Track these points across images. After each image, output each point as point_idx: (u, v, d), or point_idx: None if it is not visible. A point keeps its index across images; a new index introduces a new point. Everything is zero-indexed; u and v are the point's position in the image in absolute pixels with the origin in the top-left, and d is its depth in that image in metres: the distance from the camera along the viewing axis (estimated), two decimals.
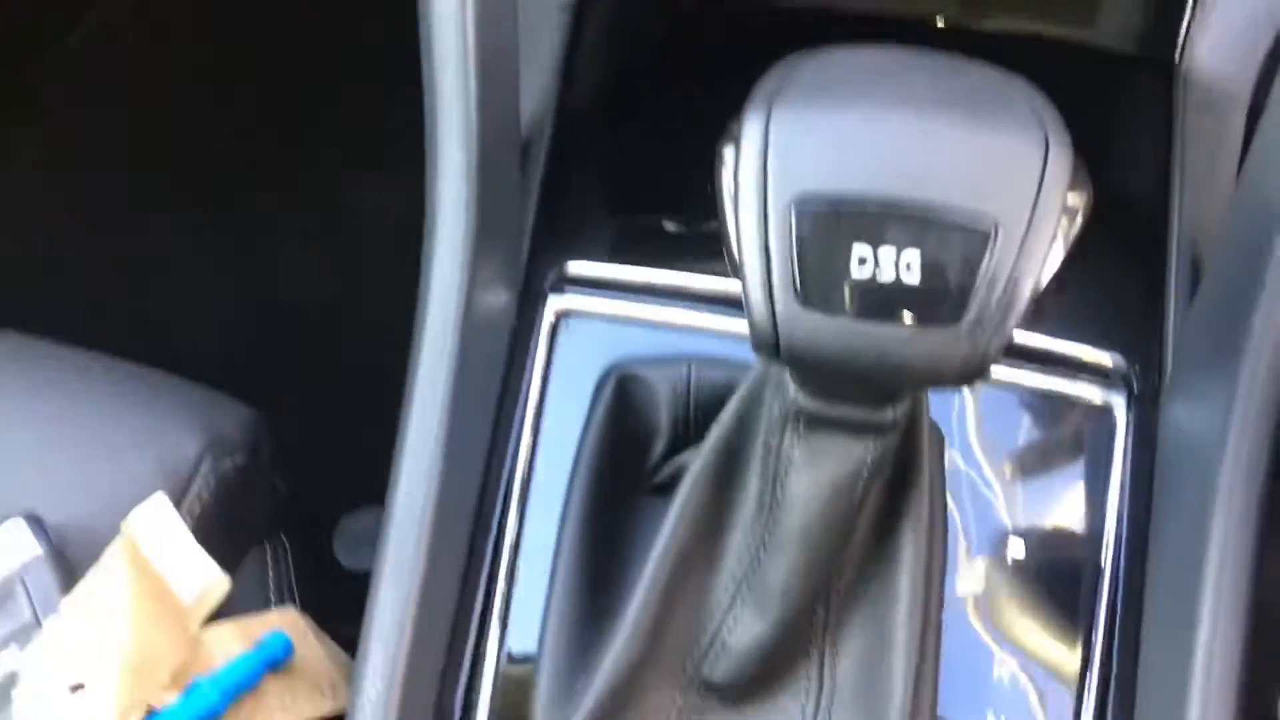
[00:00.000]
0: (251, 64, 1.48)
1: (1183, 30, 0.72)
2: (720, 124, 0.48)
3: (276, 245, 1.39)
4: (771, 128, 0.46)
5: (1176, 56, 0.73)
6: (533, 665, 0.64)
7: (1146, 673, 0.63)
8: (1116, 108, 0.73)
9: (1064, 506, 0.67)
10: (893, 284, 0.45)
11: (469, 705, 0.66)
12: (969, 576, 0.66)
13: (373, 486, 0.66)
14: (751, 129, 0.46)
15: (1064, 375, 0.69)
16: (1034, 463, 0.68)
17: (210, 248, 1.40)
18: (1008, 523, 0.67)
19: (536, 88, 0.76)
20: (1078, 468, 0.68)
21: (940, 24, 0.78)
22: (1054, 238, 0.45)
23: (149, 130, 1.45)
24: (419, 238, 0.66)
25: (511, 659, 0.66)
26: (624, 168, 0.77)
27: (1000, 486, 0.68)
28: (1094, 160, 0.48)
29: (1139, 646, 0.64)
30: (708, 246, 0.73)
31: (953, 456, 0.67)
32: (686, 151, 0.56)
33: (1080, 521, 0.67)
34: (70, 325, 0.86)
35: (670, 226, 0.74)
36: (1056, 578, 0.66)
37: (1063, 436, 0.69)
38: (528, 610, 0.66)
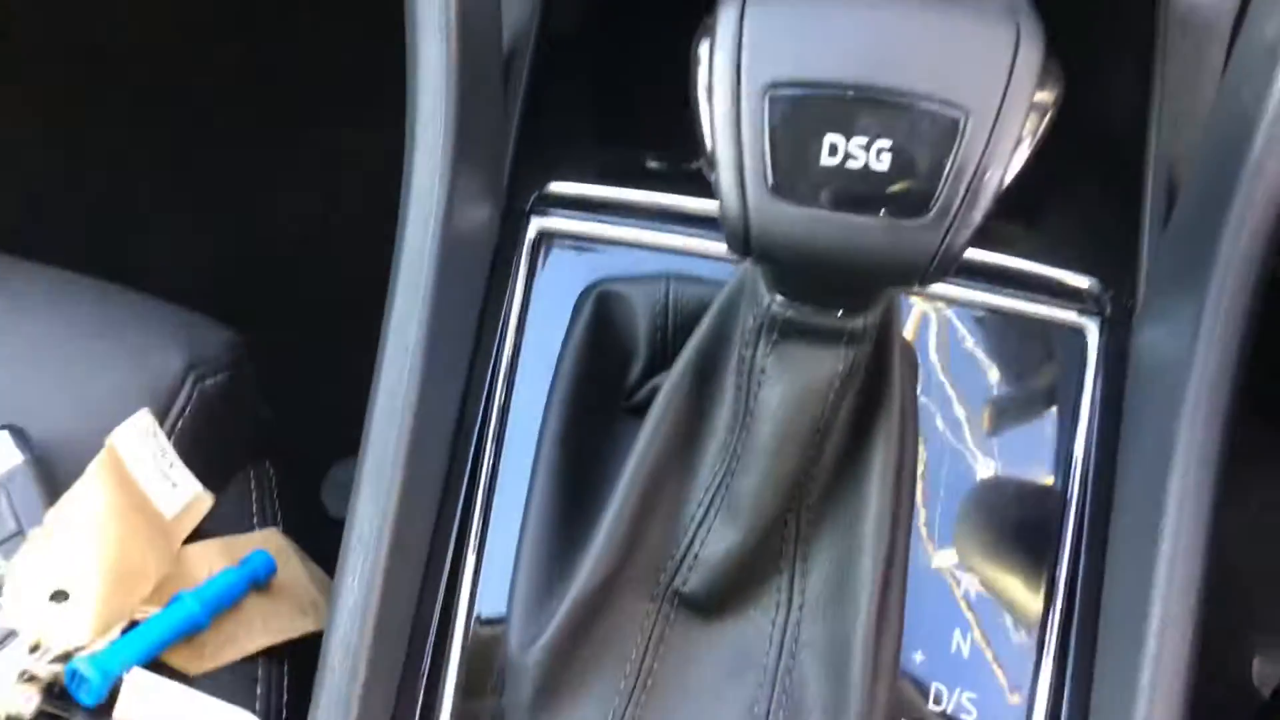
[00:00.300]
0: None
1: None
2: None
3: (269, 180, 1.39)
4: (746, 17, 0.46)
5: None
6: (509, 579, 0.65)
7: (1111, 592, 0.64)
8: (1098, 29, 0.73)
9: (1035, 428, 0.68)
10: (863, 172, 0.45)
11: (446, 616, 0.66)
12: (938, 494, 0.67)
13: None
14: (726, 19, 0.46)
15: (1038, 298, 0.69)
16: (1007, 384, 0.69)
17: (201, 182, 1.40)
18: (979, 442, 0.68)
19: (519, 1, 0.76)
20: (1050, 390, 0.69)
21: None
22: (1022, 129, 0.45)
23: (145, 59, 1.45)
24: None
25: (489, 573, 0.67)
26: (607, 86, 0.77)
27: (973, 406, 0.68)
28: (1074, 82, 0.49)
29: (1104, 566, 0.65)
30: (689, 166, 0.73)
31: (926, 375, 0.68)
32: (669, 70, 0.56)
33: (1050, 442, 0.68)
34: (58, 253, 0.86)
35: (652, 147, 0.74)
36: (1025, 498, 0.67)
37: (1035, 359, 0.69)
38: (506, 526, 0.67)
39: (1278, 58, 0.53)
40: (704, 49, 0.48)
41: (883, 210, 0.46)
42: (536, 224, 0.72)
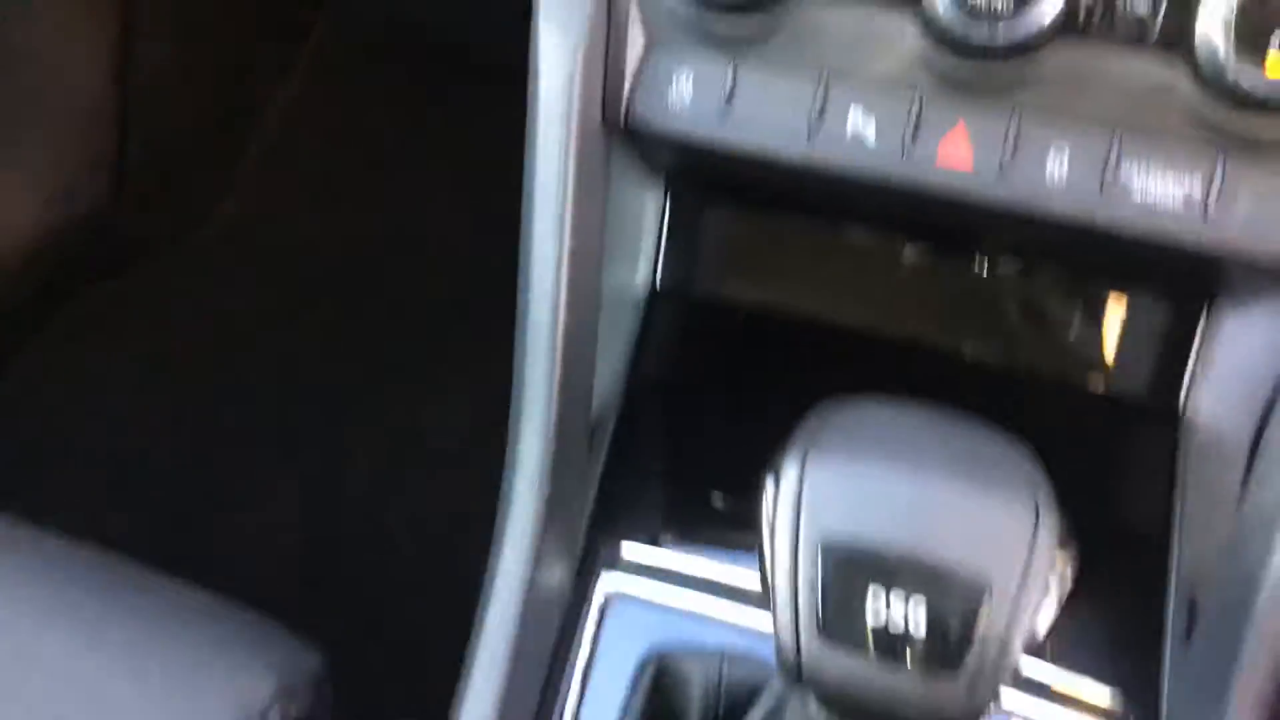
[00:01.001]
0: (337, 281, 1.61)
1: (1186, 380, 0.79)
2: (764, 427, 0.56)
3: (338, 462, 1.49)
4: (806, 472, 0.54)
5: (1180, 404, 0.79)
6: None
7: None
8: (1121, 452, 0.79)
9: None
10: (901, 629, 0.52)
11: None
12: None
13: None
14: (789, 471, 0.54)
15: (1068, 709, 0.72)
16: None
17: (269, 477, 1.50)
18: None
19: (606, 377, 0.84)
20: None
21: (963, 358, 0.86)
22: (1042, 599, 0.52)
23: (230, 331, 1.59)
24: (475, 456, 0.72)
25: None
26: (679, 457, 0.84)
27: None
28: (1098, 502, 0.55)
29: None
30: (749, 543, 0.80)
31: None
32: (736, 448, 0.63)
33: None
34: (137, 532, 0.93)
35: (718, 518, 0.81)
36: None
37: None
38: None
39: (1275, 528, 0.59)
40: (770, 486, 0.55)
41: (917, 664, 0.52)
42: (605, 583, 0.78)
